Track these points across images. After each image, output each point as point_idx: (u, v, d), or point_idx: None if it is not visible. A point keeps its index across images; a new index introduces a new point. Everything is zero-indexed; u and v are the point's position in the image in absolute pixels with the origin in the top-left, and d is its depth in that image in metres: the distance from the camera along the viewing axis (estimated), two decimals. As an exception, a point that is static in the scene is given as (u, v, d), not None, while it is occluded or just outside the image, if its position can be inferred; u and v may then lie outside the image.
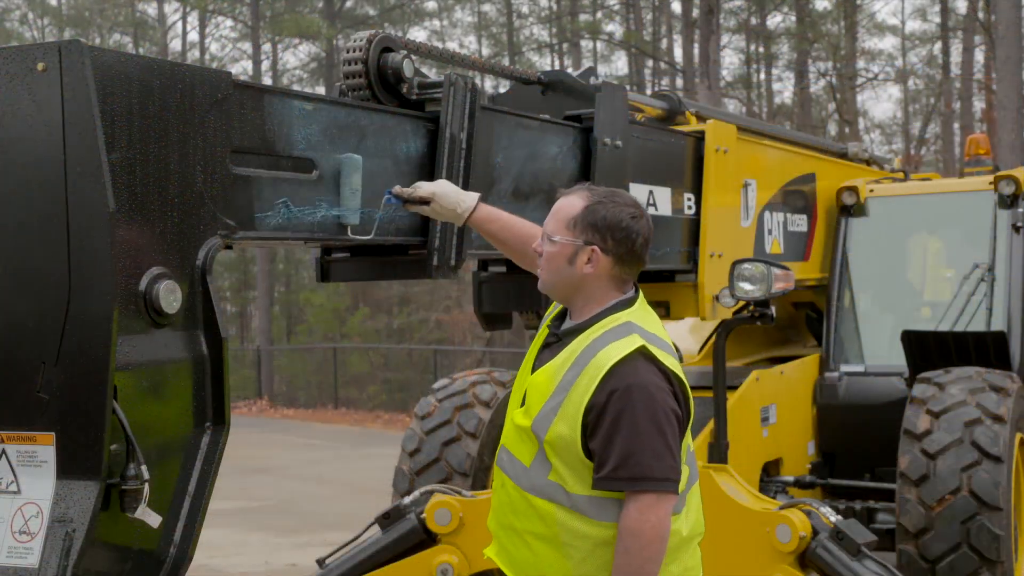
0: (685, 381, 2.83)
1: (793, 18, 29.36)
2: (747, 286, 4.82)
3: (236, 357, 26.92)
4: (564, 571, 2.81)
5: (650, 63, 30.71)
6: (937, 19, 32.03)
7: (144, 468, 2.50)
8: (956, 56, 29.75)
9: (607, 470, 2.70)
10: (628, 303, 2.89)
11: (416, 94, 3.67)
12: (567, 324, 2.92)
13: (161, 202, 2.63)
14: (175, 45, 35.23)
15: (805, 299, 7.16)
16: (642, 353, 2.75)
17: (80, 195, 2.44)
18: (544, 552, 2.83)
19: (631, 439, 2.68)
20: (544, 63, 32.80)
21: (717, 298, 5.10)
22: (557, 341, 2.91)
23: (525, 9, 34.52)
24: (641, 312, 2.91)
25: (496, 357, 23.97)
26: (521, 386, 2.96)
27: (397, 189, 3.34)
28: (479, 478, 5.57)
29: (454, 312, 27.33)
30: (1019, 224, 6.52)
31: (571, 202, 2.88)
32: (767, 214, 5.87)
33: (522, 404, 2.90)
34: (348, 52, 3.59)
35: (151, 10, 36.39)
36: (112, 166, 2.48)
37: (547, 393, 2.80)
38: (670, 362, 2.80)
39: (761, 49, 32.60)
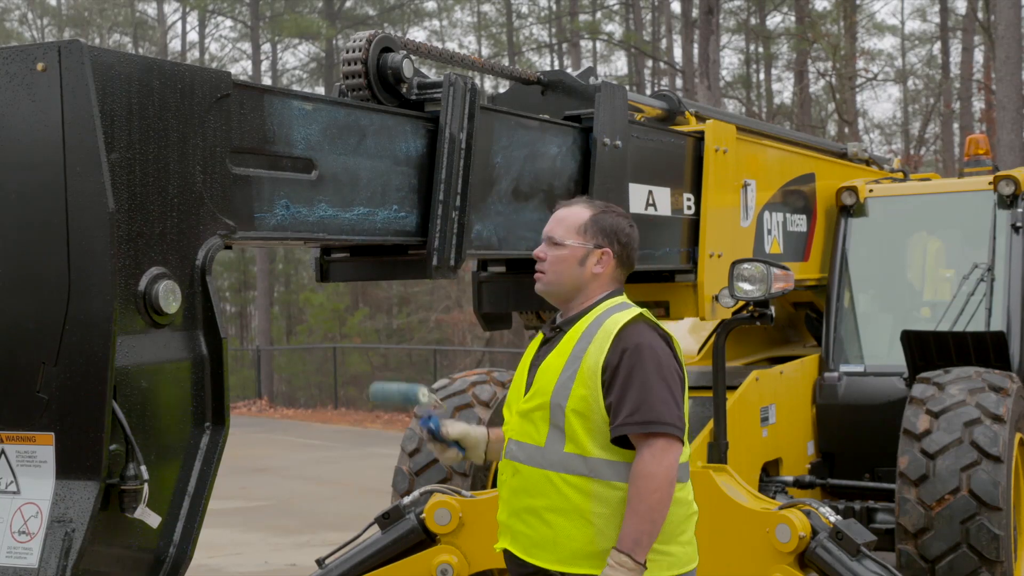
0: (679, 347, 3.16)
1: (793, 18, 29.36)
2: (746, 286, 4.82)
3: (236, 357, 26.94)
4: (586, 538, 3.01)
5: (650, 63, 30.71)
6: (937, 19, 32.05)
7: (143, 468, 2.50)
8: (956, 56, 29.76)
9: (622, 417, 2.98)
10: (618, 293, 3.23)
11: (416, 94, 3.67)
12: (562, 320, 3.20)
13: (161, 202, 2.64)
14: (175, 45, 35.25)
15: (805, 299, 7.16)
16: (643, 318, 3.11)
17: (80, 195, 2.44)
18: (565, 524, 3.03)
19: (643, 390, 2.98)
20: (544, 63, 32.81)
21: (716, 298, 5.10)
22: (555, 336, 3.18)
23: (525, 9, 34.55)
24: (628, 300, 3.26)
25: (496, 357, 23.98)
26: (520, 383, 3.21)
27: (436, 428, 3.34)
28: (478, 478, 5.57)
29: (454, 312, 27.34)
30: (1019, 224, 6.52)
31: (576, 211, 3.20)
32: (767, 214, 5.87)
33: (525, 394, 3.15)
34: (348, 52, 3.59)
35: (151, 10, 36.42)
36: (112, 166, 2.48)
37: (559, 368, 3.08)
38: (665, 328, 3.15)
39: (761, 49, 32.60)
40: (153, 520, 2.56)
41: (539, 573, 3.07)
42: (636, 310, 3.13)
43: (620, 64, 34.79)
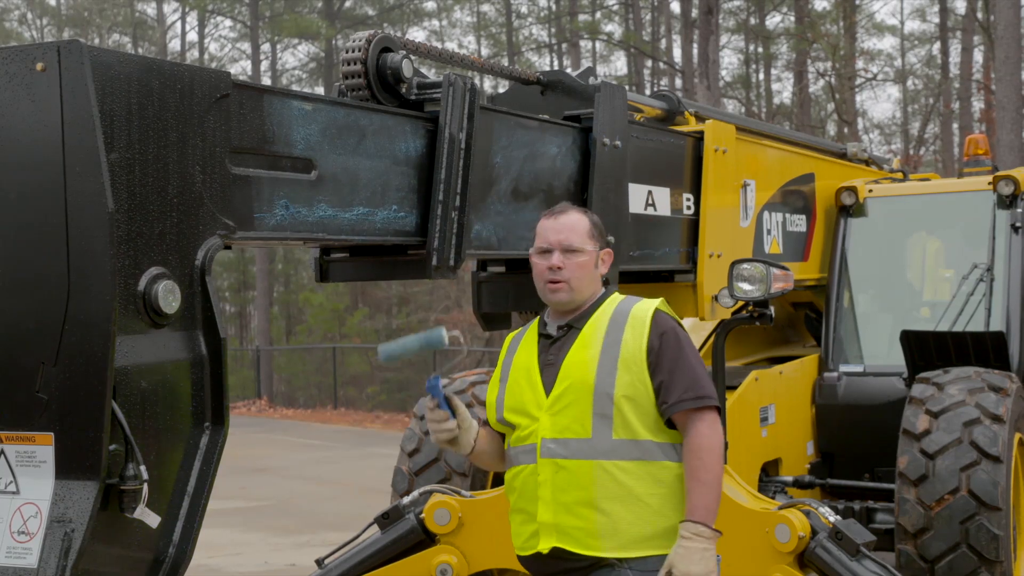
0: None
1: (792, 18, 29.36)
2: (746, 286, 4.82)
3: (235, 357, 26.93)
4: (645, 520, 3.12)
5: (649, 63, 30.71)
6: (936, 19, 32.05)
7: (143, 468, 2.50)
8: (955, 56, 29.77)
9: (676, 396, 3.13)
10: (609, 287, 3.39)
11: (415, 94, 3.67)
12: (569, 319, 3.27)
13: (160, 202, 2.63)
14: (174, 45, 35.25)
15: (804, 299, 7.16)
16: (663, 308, 3.27)
17: (79, 195, 2.44)
18: (622, 510, 3.12)
19: (689, 368, 3.16)
20: (543, 63, 32.81)
21: (716, 298, 5.10)
22: (564, 334, 3.26)
23: (524, 9, 34.54)
24: None
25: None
26: (529, 385, 3.25)
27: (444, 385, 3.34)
28: (478, 478, 5.57)
29: (453, 312, 27.33)
30: (1018, 224, 6.52)
31: (577, 217, 3.29)
32: (766, 214, 5.87)
33: (548, 393, 3.20)
34: (347, 52, 3.59)
35: (150, 10, 36.42)
36: (111, 166, 2.48)
37: (593, 359, 3.17)
38: None
39: (760, 49, 32.60)
40: (152, 520, 2.55)
41: (597, 564, 3.12)
42: (655, 300, 3.29)
43: (620, 64, 34.82)
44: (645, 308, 3.23)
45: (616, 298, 3.31)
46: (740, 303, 4.97)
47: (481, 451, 3.39)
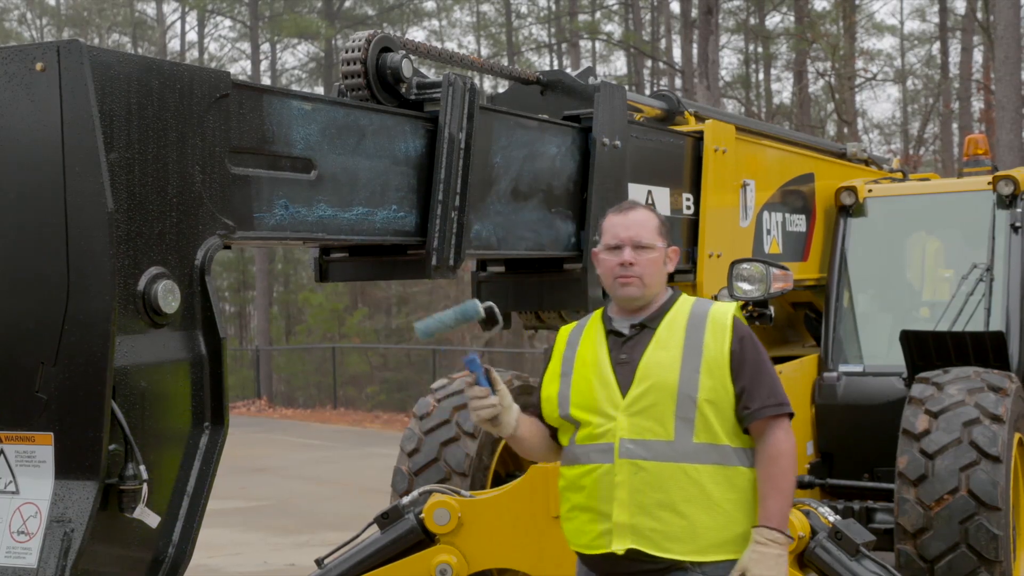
0: None
1: (792, 18, 29.35)
2: (746, 286, 4.82)
3: (235, 357, 26.93)
4: (720, 526, 3.14)
5: (649, 63, 30.70)
6: (936, 19, 32.04)
7: (142, 468, 2.50)
8: (955, 56, 29.75)
9: (759, 401, 3.17)
10: (674, 288, 3.40)
11: (415, 94, 3.66)
12: (641, 317, 3.27)
13: (160, 202, 2.63)
14: (174, 45, 35.24)
15: (804, 299, 7.15)
16: (738, 312, 3.31)
17: (79, 195, 2.44)
18: (701, 514, 3.14)
19: (769, 375, 3.23)
20: (543, 63, 32.79)
21: (716, 298, 5.10)
22: (638, 333, 3.26)
23: (524, 9, 34.53)
24: None
25: (495, 357, 23.97)
26: (602, 384, 3.23)
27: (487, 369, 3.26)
28: (477, 478, 5.57)
29: (452, 312, 27.27)
30: (1018, 224, 6.52)
31: (645, 214, 3.32)
32: (766, 214, 5.87)
33: (624, 394, 3.18)
34: (347, 52, 3.59)
35: (150, 10, 36.41)
36: (111, 166, 2.48)
37: (675, 362, 3.18)
38: None
39: (760, 49, 32.59)
40: (152, 520, 2.55)
41: (672, 567, 3.14)
42: (730, 303, 3.34)
43: (619, 64, 34.81)
44: (724, 311, 3.26)
45: (688, 299, 3.33)
46: (740, 303, 4.97)
47: (523, 437, 3.36)
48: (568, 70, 4.67)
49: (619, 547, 3.16)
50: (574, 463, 3.28)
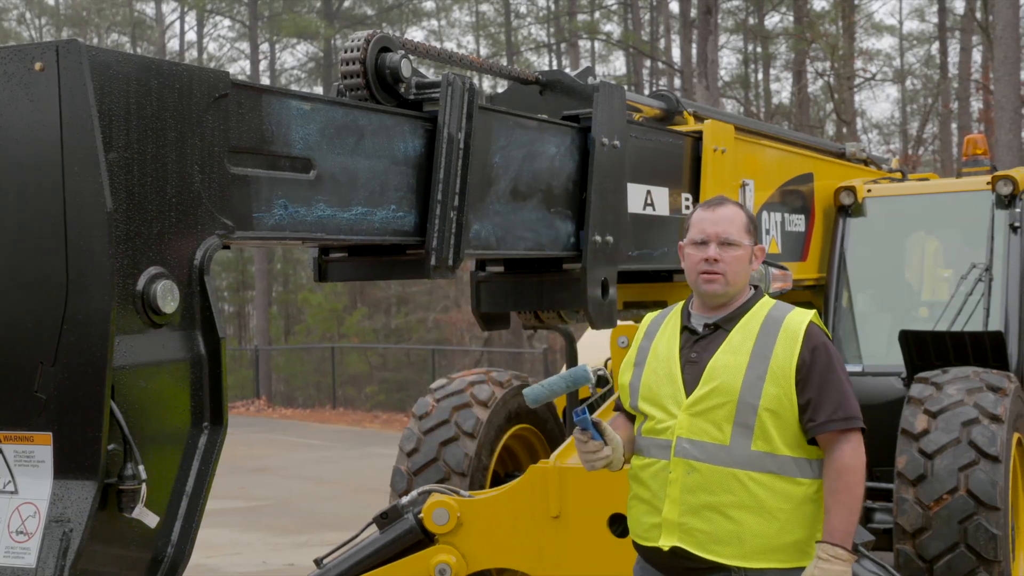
0: None
1: (791, 18, 29.35)
2: (745, 286, 4.81)
3: (234, 357, 26.92)
4: (771, 533, 3.11)
5: (648, 63, 30.70)
6: (935, 19, 32.05)
7: (141, 468, 2.50)
8: (954, 56, 29.76)
9: (826, 415, 3.10)
10: (758, 290, 3.36)
11: (414, 94, 3.66)
12: (718, 316, 3.25)
13: (159, 202, 2.63)
14: (173, 45, 35.22)
15: (803, 299, 7.14)
16: (816, 320, 3.23)
17: (78, 195, 2.44)
18: (749, 520, 3.10)
19: (839, 387, 3.14)
20: (542, 63, 32.80)
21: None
22: (711, 332, 3.24)
23: (523, 9, 34.53)
24: None
25: (494, 357, 23.97)
26: (670, 380, 3.22)
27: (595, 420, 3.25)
28: (477, 478, 5.57)
29: (452, 312, 27.35)
30: (1016, 224, 6.52)
31: (734, 210, 3.29)
32: (765, 214, 5.87)
33: (688, 393, 3.17)
34: (346, 52, 3.59)
35: (149, 10, 36.39)
36: (110, 165, 2.48)
37: (742, 367, 3.14)
38: None
39: (759, 49, 32.60)
40: (151, 520, 2.55)
41: (716, 569, 3.13)
42: (809, 310, 3.26)
43: (618, 64, 34.81)
44: (799, 320, 3.20)
45: (767, 303, 3.27)
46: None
47: (627, 446, 3.35)
48: (567, 70, 4.67)
49: (665, 543, 3.18)
50: (638, 454, 3.31)
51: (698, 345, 3.24)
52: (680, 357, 3.25)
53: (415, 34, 34.38)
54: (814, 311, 3.26)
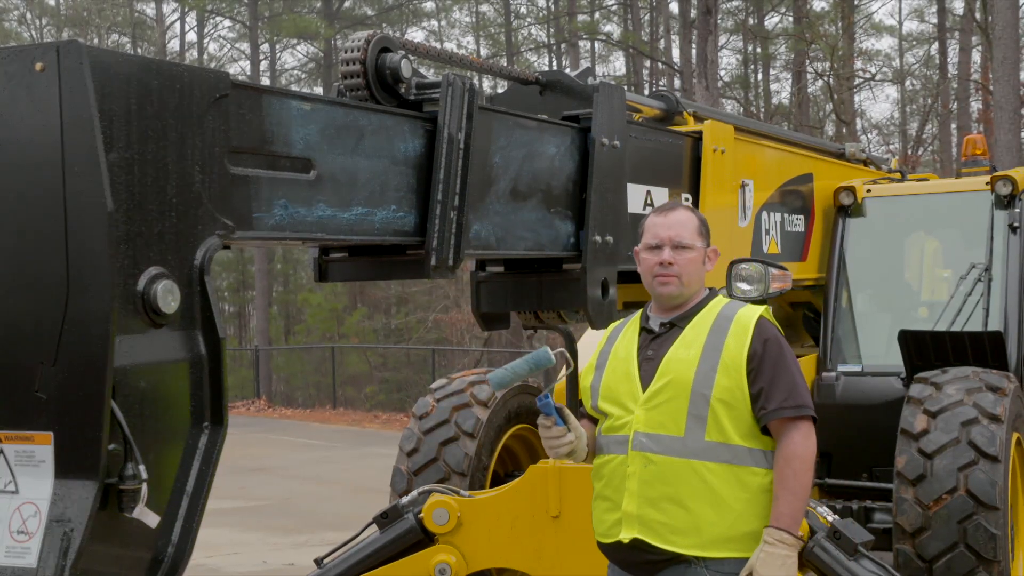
0: None
1: (791, 18, 29.36)
2: (744, 286, 4.82)
3: (234, 357, 26.93)
4: (727, 523, 3.19)
5: (648, 63, 30.70)
6: (934, 20, 32.05)
7: (142, 468, 2.51)
8: (953, 57, 29.77)
9: (776, 403, 3.19)
10: (711, 289, 3.45)
11: (414, 94, 3.67)
12: (672, 316, 3.35)
13: (159, 202, 2.64)
14: (173, 45, 35.22)
15: (802, 299, 7.16)
16: (767, 315, 3.33)
17: (78, 195, 2.44)
18: (707, 510, 3.18)
19: (789, 377, 3.22)
20: (542, 63, 32.81)
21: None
22: (667, 331, 3.34)
23: (523, 9, 34.55)
24: None
25: (494, 357, 23.96)
26: (628, 378, 3.31)
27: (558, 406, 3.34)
28: (477, 478, 5.57)
29: (452, 312, 27.33)
30: (1016, 224, 6.52)
31: (686, 214, 3.41)
32: (764, 214, 5.88)
33: (645, 388, 3.26)
34: (346, 52, 3.59)
35: (149, 10, 36.39)
36: (110, 166, 2.48)
37: (694, 360, 3.24)
38: None
39: (759, 49, 32.60)
40: (152, 520, 2.56)
41: (675, 559, 3.20)
42: (759, 306, 3.37)
43: (618, 64, 34.82)
44: (749, 314, 3.29)
45: (720, 301, 3.38)
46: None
47: (590, 446, 3.45)
48: (567, 70, 4.67)
49: (626, 535, 3.24)
50: (599, 452, 3.40)
51: (655, 343, 3.34)
52: (638, 356, 3.35)
53: (415, 34, 34.40)
54: (766, 306, 3.38)
